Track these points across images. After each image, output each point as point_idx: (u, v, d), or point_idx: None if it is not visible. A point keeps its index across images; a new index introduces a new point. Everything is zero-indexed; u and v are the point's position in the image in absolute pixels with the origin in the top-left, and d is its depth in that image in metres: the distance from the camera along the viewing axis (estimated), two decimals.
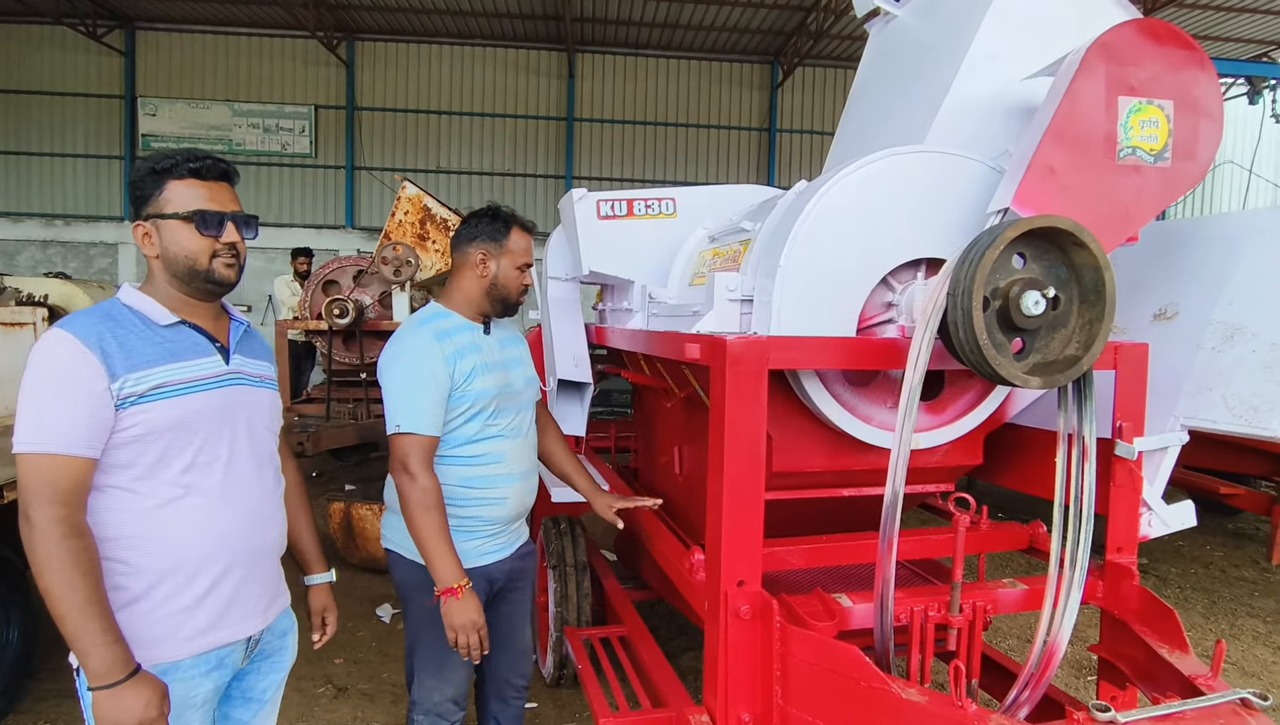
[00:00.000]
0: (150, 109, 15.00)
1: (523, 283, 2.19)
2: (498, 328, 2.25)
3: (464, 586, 1.94)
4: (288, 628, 1.80)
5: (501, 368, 2.15)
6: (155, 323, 1.53)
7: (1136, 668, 1.94)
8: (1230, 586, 5.10)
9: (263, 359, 1.74)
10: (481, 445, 2.09)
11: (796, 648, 1.74)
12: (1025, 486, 2.45)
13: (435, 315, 2.14)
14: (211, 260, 1.54)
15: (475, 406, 2.06)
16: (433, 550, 1.95)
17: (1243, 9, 12.76)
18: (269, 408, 1.71)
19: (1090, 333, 1.74)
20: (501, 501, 2.14)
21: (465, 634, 1.94)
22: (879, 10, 2.96)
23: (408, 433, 1.97)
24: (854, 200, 1.99)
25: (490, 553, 2.15)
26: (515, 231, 2.18)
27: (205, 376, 1.56)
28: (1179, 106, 1.92)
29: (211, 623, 1.55)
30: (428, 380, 2.00)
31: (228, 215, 1.56)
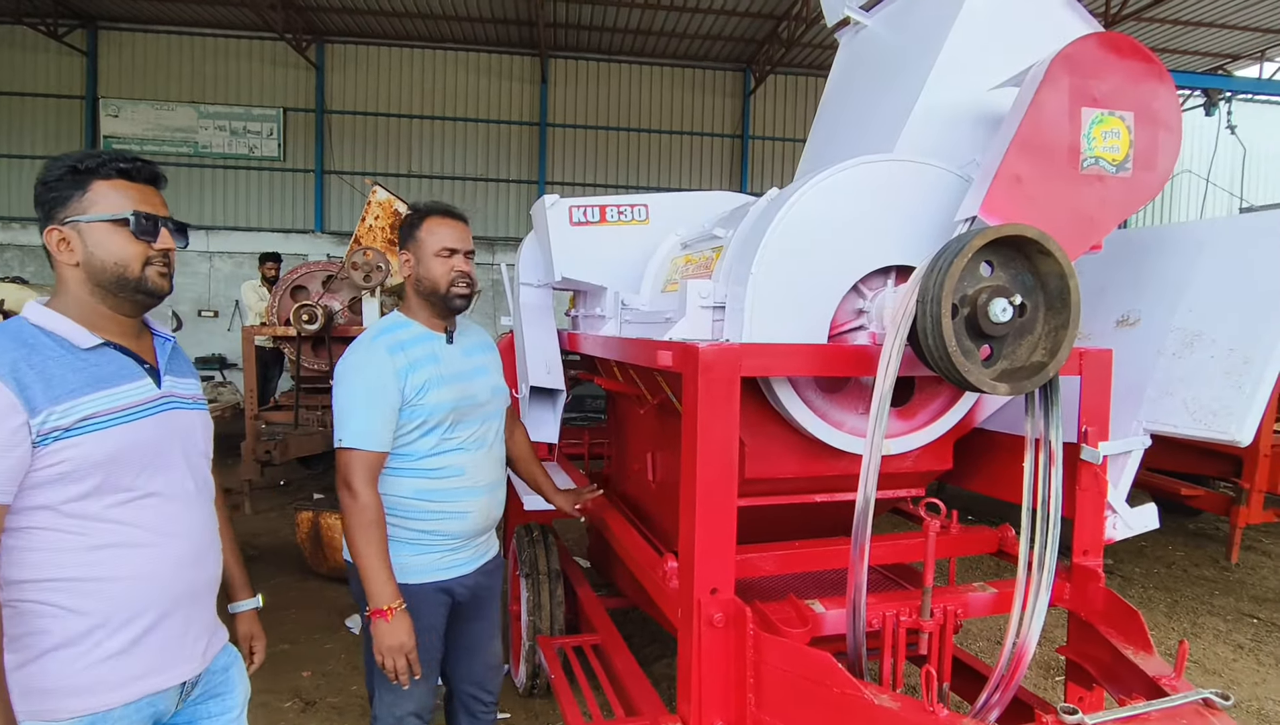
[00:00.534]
0: (112, 110, 14.69)
1: (454, 270, 2.06)
2: (463, 335, 2.19)
3: (395, 609, 1.89)
4: (229, 663, 1.66)
5: (461, 379, 2.08)
6: (76, 346, 1.37)
7: (1103, 668, 1.97)
8: (1192, 586, 5.21)
9: (190, 377, 1.61)
10: (441, 458, 2.04)
11: (769, 655, 1.74)
12: (994, 490, 2.48)
13: (393, 326, 2.09)
14: (144, 267, 1.42)
15: (431, 420, 2.01)
16: (367, 568, 1.90)
17: (1199, 23, 13.14)
18: (203, 431, 1.59)
19: (1056, 339, 1.77)
20: (463, 515, 2.08)
21: (392, 657, 1.89)
22: (849, 20, 2.99)
23: (350, 448, 1.93)
24: (825, 208, 2.00)
25: (451, 568, 2.10)
26: (427, 221, 2.09)
27: (137, 403, 1.41)
28: (1139, 118, 1.96)
29: (146, 668, 1.42)
30: (376, 395, 1.94)
31: (162, 219, 1.45)
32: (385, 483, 2.02)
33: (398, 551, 2.02)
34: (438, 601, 2.08)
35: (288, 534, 5.62)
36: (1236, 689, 3.69)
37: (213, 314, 14.56)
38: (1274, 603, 4.91)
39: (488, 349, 2.28)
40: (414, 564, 2.04)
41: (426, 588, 2.05)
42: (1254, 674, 3.87)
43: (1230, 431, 2.05)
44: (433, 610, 2.06)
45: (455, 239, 2.08)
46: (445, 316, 2.13)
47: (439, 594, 2.07)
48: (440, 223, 2.09)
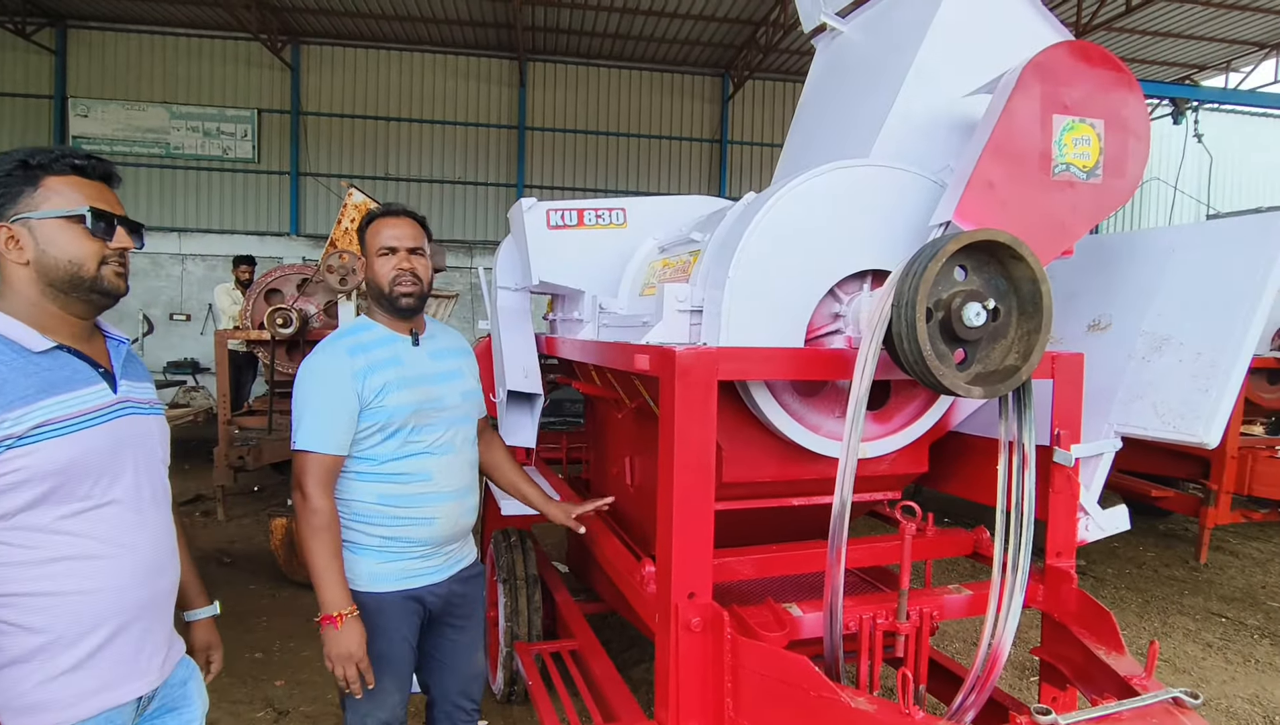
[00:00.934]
0: (82, 110, 14.45)
1: (397, 268, 2.01)
2: (432, 339, 2.15)
3: (345, 615, 1.85)
4: (187, 676, 1.63)
5: (425, 382, 2.04)
6: (27, 350, 1.32)
7: (1075, 669, 1.99)
8: (1162, 586, 5.30)
9: (146, 381, 1.57)
10: (405, 463, 2.00)
11: (747, 659, 1.74)
12: (969, 493, 2.50)
13: (356, 328, 2.06)
14: (100, 267, 1.37)
15: (391, 423, 1.96)
16: (318, 574, 1.87)
17: (1168, 34, 13.42)
18: (160, 437, 1.54)
19: (1029, 343, 1.79)
20: (429, 522, 2.03)
21: (341, 665, 1.85)
22: (825, 26, 3.01)
23: (303, 450, 1.90)
24: (801, 212, 2.01)
25: (420, 575, 2.05)
26: (372, 224, 2.06)
27: (93, 409, 1.36)
28: (1109, 125, 1.99)
29: (101, 683, 1.37)
30: (331, 397, 1.91)
31: (118, 218, 1.40)
32: (349, 488, 1.99)
33: (363, 558, 1.99)
34: (407, 610, 2.04)
35: (261, 541, 5.54)
36: (1205, 687, 3.75)
37: (185, 317, 14.36)
38: (1241, 602, 5.00)
39: (461, 353, 2.23)
40: (380, 571, 2.00)
41: (394, 596, 2.01)
42: (1222, 672, 3.93)
43: (1198, 433, 2.08)
44: (402, 619, 2.02)
45: (395, 237, 2.03)
46: (403, 318, 2.07)
47: (408, 602, 2.03)
48: (382, 223, 2.05)
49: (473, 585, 2.23)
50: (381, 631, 1.97)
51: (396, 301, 2.02)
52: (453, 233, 15.33)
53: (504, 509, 3.07)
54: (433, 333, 2.18)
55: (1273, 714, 3.50)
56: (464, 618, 2.20)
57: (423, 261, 2.07)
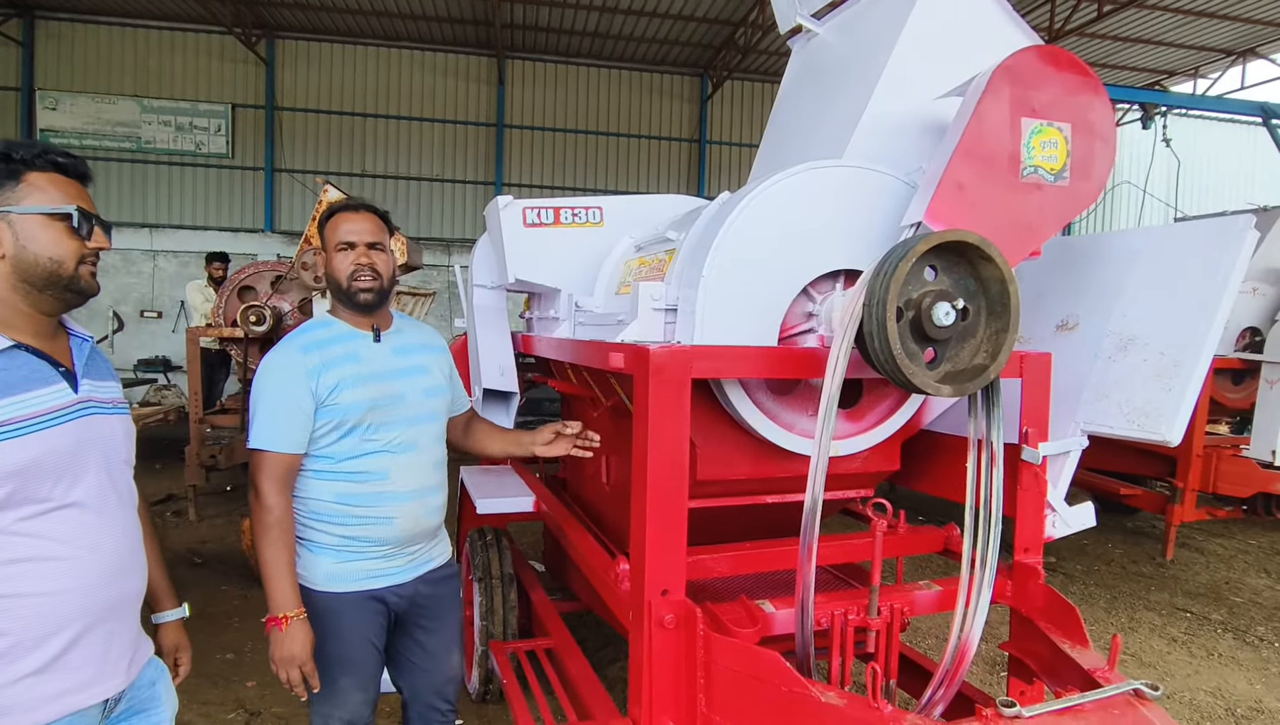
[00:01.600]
0: (50, 102, 14.16)
1: (354, 263, 1.97)
2: (399, 334, 2.12)
3: (291, 618, 1.82)
4: (155, 677, 1.61)
5: (384, 379, 2.00)
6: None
7: (1042, 663, 2.03)
8: (1129, 582, 5.40)
9: (110, 379, 1.54)
10: (363, 461, 1.97)
11: (719, 655, 1.75)
12: (940, 491, 2.53)
13: (315, 325, 2.04)
14: (78, 266, 1.38)
15: (347, 421, 1.93)
16: (266, 573, 1.85)
17: (1138, 40, 13.67)
18: (125, 437, 1.52)
19: (997, 343, 1.82)
20: (388, 521, 2.00)
21: (285, 668, 1.83)
22: (801, 28, 3.04)
23: (257, 449, 1.89)
24: (775, 211, 2.02)
25: (383, 576, 2.02)
26: (330, 220, 2.04)
27: (52, 409, 1.34)
28: (1076, 129, 2.03)
29: (65, 687, 1.36)
30: (285, 395, 1.89)
31: (97, 218, 1.41)
32: (308, 487, 1.97)
33: (321, 558, 1.97)
34: (370, 611, 2.01)
35: (233, 541, 5.48)
36: (1170, 680, 3.83)
37: (156, 315, 14.13)
38: (1205, 597, 5.11)
39: (429, 349, 2.19)
40: (340, 571, 1.97)
41: (355, 596, 1.98)
42: (1186, 665, 4.02)
43: (1161, 432, 2.13)
44: (364, 620, 1.99)
45: (353, 231, 2.00)
46: (363, 313, 2.04)
47: (370, 603, 2.00)
48: (341, 218, 2.03)
49: (444, 586, 2.20)
50: (340, 632, 1.94)
51: (355, 297, 1.99)
52: (430, 231, 15.24)
53: (480, 508, 3.07)
54: (400, 328, 2.14)
55: (1234, 706, 3.58)
56: (434, 619, 2.16)
57: (383, 256, 2.04)
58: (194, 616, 1.80)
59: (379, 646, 2.06)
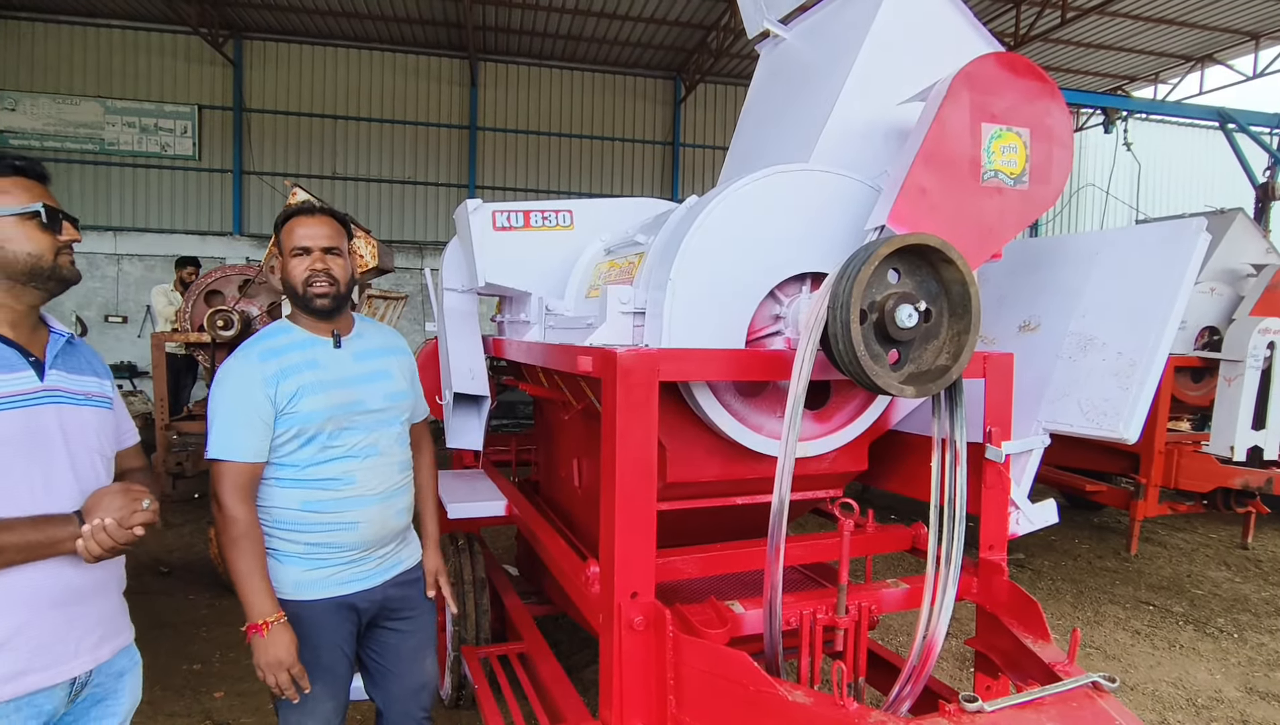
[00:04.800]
0: (9, 103, 13.83)
1: (310, 269, 1.95)
2: (360, 338, 2.09)
3: (271, 623, 1.81)
4: (126, 668, 1.64)
5: (344, 385, 1.98)
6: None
7: (1006, 658, 2.06)
8: (1095, 576, 5.51)
9: (89, 374, 1.60)
10: (326, 468, 1.94)
11: (688, 656, 1.76)
12: (908, 490, 2.57)
13: (273, 331, 2.01)
14: (57, 256, 1.49)
15: (308, 429, 1.91)
16: (240, 583, 1.83)
17: (1101, 46, 13.97)
18: (96, 429, 1.56)
19: (959, 344, 1.85)
20: (352, 526, 1.98)
21: (272, 673, 1.81)
22: (769, 32, 3.06)
23: (215, 459, 1.86)
24: (741, 215, 2.04)
25: (351, 582, 2.01)
26: (286, 224, 2.02)
27: (11, 394, 1.42)
28: (1035, 134, 2.07)
29: (22, 666, 1.40)
30: (242, 404, 1.87)
31: (63, 212, 1.52)
32: (272, 495, 1.94)
33: (288, 567, 1.95)
34: (340, 618, 1.99)
35: (201, 549, 5.39)
36: (1133, 672, 3.91)
37: (121, 320, 13.85)
38: (1168, 590, 5.23)
39: (390, 352, 2.16)
40: (308, 579, 1.95)
41: (324, 603, 1.96)
42: (1149, 658, 4.11)
43: (1118, 430, 2.18)
44: (334, 627, 1.98)
45: (309, 236, 1.97)
46: (321, 319, 2.01)
47: (340, 609, 1.99)
48: (296, 222, 2.00)
49: (414, 588, 2.19)
50: (310, 639, 1.92)
51: (310, 302, 1.97)
52: (402, 234, 15.12)
53: (451, 512, 3.05)
54: (361, 332, 2.11)
55: (1194, 695, 3.67)
56: (404, 620, 2.15)
57: (339, 261, 2.01)
58: (160, 627, 1.79)
59: (349, 653, 2.04)
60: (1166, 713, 3.51)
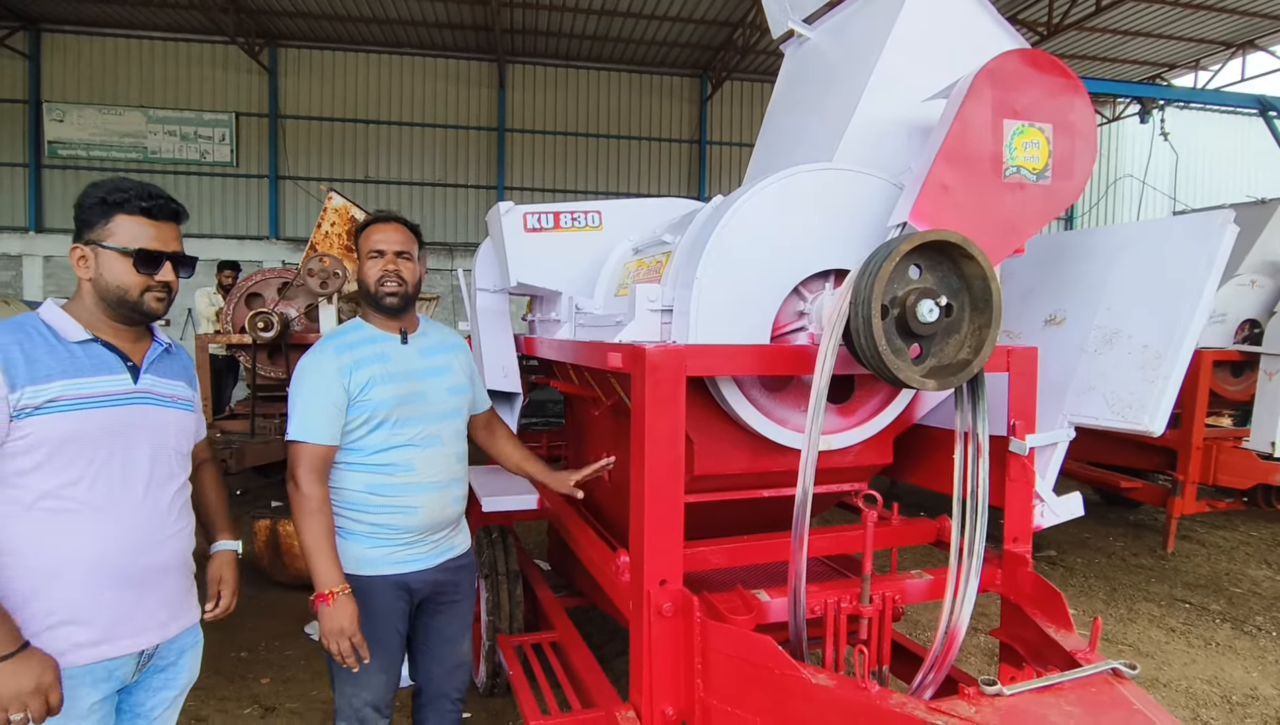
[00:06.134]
0: (57, 114, 14.31)
1: (382, 270, 2.13)
2: (424, 337, 2.24)
3: (337, 593, 1.95)
4: (187, 646, 1.80)
5: (410, 377, 2.14)
6: (65, 338, 1.58)
7: (1029, 648, 2.09)
8: (1130, 574, 5.44)
9: (180, 379, 1.78)
10: (390, 454, 2.10)
11: (716, 641, 1.82)
12: (934, 484, 2.59)
13: (348, 328, 2.19)
14: (143, 294, 1.62)
15: (375, 416, 2.07)
16: (310, 554, 1.98)
17: (1138, 33, 13.67)
18: (177, 428, 1.74)
19: (980, 338, 1.88)
20: (411, 510, 2.13)
21: (335, 640, 1.94)
22: (793, 32, 3.10)
23: (294, 440, 2.03)
24: (766, 214, 2.09)
25: (407, 562, 2.15)
26: (365, 230, 2.20)
27: (106, 393, 1.59)
28: (1057, 129, 2.09)
29: (97, 636, 1.57)
30: (319, 391, 2.04)
31: (167, 254, 1.64)
32: (341, 478, 2.09)
33: (354, 544, 2.09)
34: (395, 595, 2.13)
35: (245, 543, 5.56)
36: (1167, 669, 3.88)
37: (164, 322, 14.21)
38: (1205, 588, 5.15)
39: (452, 350, 2.31)
40: (368, 556, 2.09)
41: (382, 580, 2.10)
42: (1184, 655, 4.07)
43: (1144, 423, 2.19)
44: (389, 603, 2.11)
45: (383, 241, 2.16)
46: (390, 317, 2.18)
47: (395, 588, 2.12)
48: (373, 229, 2.20)
49: (461, 574, 2.32)
50: (368, 613, 2.04)
51: (381, 301, 2.14)
52: (433, 235, 15.33)
53: (485, 506, 3.14)
54: (425, 331, 2.27)
55: (1230, 693, 3.63)
56: (449, 605, 2.28)
57: (409, 265, 2.17)
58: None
59: (401, 632, 2.18)
60: (1200, 709, 3.48)
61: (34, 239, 14.28)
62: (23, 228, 14.30)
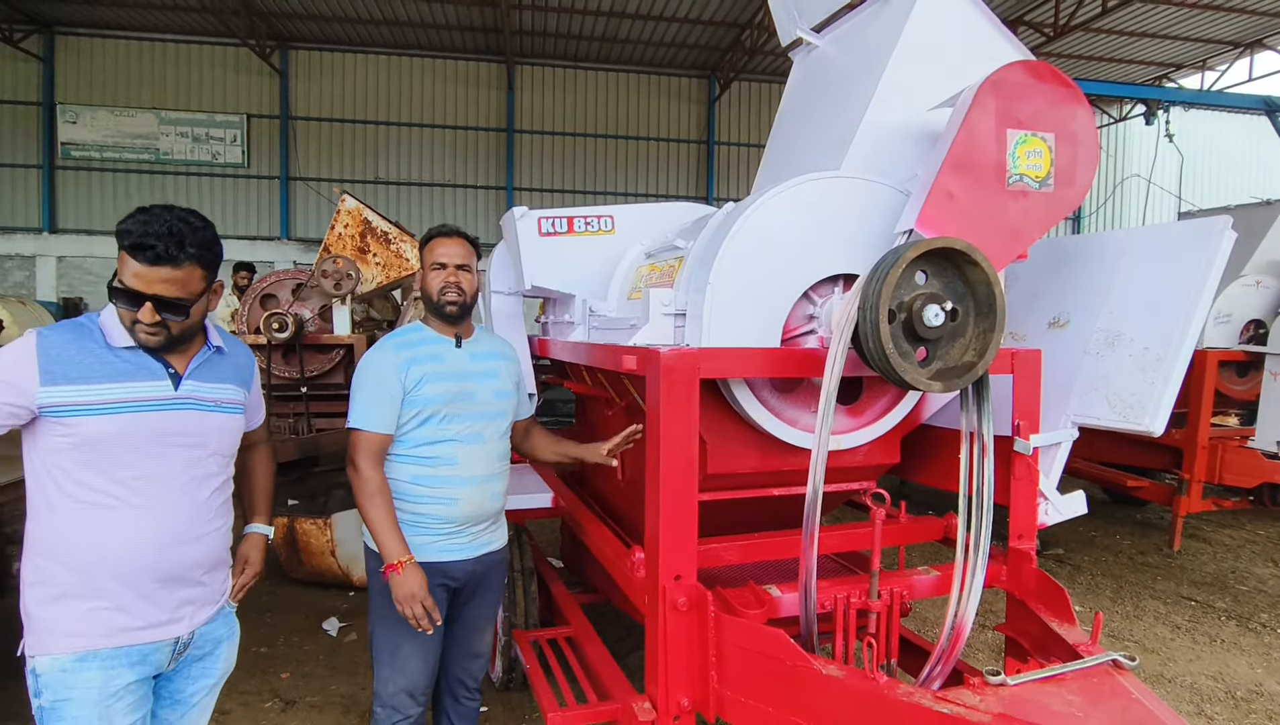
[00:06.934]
0: (70, 116, 14.49)
1: (444, 281, 2.28)
2: (476, 343, 2.39)
3: (405, 563, 2.10)
4: (223, 637, 1.91)
5: (461, 378, 2.29)
6: (111, 343, 1.66)
7: (1034, 641, 2.15)
8: (1136, 572, 5.48)
9: (228, 381, 1.83)
10: (436, 447, 2.24)
11: (729, 634, 1.89)
12: (941, 483, 2.65)
13: (408, 330, 2.37)
14: (133, 325, 1.64)
15: (425, 410, 2.22)
16: (377, 530, 2.14)
17: (1144, 34, 13.68)
18: (219, 432, 1.80)
19: (984, 341, 1.94)
20: (453, 502, 2.25)
21: (409, 604, 2.08)
22: (802, 40, 3.17)
23: (353, 428, 2.20)
24: (776, 221, 2.16)
25: (447, 551, 2.27)
26: (429, 242, 2.36)
27: (145, 398, 1.66)
28: (1059, 138, 2.15)
29: (135, 623, 1.67)
30: (377, 383, 2.20)
31: (147, 296, 1.61)
32: (390, 468, 2.23)
33: None
34: (436, 582, 2.23)
35: None
36: (1171, 665, 3.93)
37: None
38: (1210, 586, 5.19)
39: (502, 357, 2.44)
40: (413, 544, 2.20)
41: (425, 567, 2.20)
42: (1189, 651, 4.12)
43: (1144, 422, 2.25)
44: (431, 590, 2.20)
45: (446, 254, 2.32)
46: (449, 323, 2.33)
47: (436, 575, 2.23)
48: (437, 242, 2.36)
49: (494, 569, 2.44)
50: None
51: (443, 309, 2.30)
52: None
53: None
54: (478, 338, 2.42)
55: (1234, 689, 3.68)
56: (480, 595, 2.40)
57: (468, 276, 2.32)
58: None
59: (441, 619, 2.26)
60: (1205, 704, 3.53)
61: (47, 239, 14.46)
62: (36, 228, 14.48)
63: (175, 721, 1.85)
